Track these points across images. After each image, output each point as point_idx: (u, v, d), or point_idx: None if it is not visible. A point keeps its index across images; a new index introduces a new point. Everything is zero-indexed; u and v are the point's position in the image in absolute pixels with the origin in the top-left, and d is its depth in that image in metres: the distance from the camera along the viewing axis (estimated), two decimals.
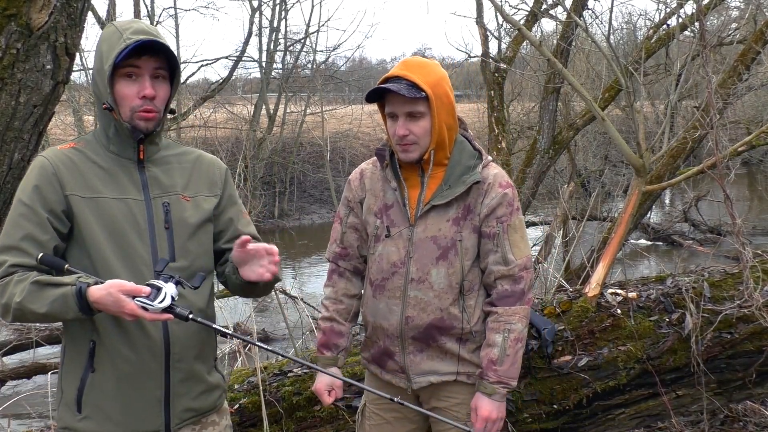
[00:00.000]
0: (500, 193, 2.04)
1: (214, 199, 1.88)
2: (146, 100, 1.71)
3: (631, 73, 4.02)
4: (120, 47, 1.66)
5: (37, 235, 1.66)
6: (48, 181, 1.69)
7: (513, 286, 2.04)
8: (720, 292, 2.95)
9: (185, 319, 1.60)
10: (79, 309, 1.58)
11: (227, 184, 1.94)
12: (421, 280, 2.05)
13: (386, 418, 2.24)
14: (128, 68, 1.69)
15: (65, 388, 1.77)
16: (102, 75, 1.70)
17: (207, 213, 1.85)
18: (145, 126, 1.73)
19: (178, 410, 1.79)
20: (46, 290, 1.60)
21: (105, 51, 1.70)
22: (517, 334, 2.04)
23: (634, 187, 3.45)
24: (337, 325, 2.20)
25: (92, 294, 1.57)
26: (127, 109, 1.72)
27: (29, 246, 1.65)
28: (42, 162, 1.72)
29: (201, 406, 1.85)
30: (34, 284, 1.61)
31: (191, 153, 1.93)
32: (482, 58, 7.87)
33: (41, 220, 1.66)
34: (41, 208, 1.67)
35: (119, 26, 1.73)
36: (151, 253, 1.73)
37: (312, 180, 19.61)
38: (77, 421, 1.74)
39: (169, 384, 1.76)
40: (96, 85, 1.75)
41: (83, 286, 1.58)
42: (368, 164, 2.22)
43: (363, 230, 2.18)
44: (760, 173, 17.69)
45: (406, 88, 1.93)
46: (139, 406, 1.74)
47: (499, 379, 2.03)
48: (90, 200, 1.70)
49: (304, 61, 20.57)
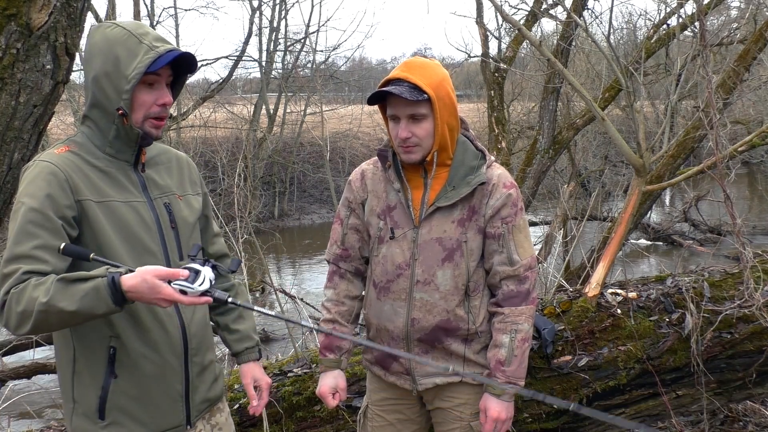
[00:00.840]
0: (505, 194, 2.03)
1: (199, 198, 1.94)
2: (163, 108, 1.72)
3: (631, 73, 4.02)
4: (149, 56, 1.64)
5: (51, 242, 1.58)
6: (61, 188, 1.63)
7: (518, 286, 2.04)
8: (720, 292, 2.95)
9: (224, 302, 1.58)
10: (113, 301, 1.50)
11: (202, 182, 2.00)
12: (427, 281, 2.04)
13: (389, 420, 2.24)
14: (152, 76, 1.68)
15: (79, 398, 1.73)
16: (117, 79, 1.65)
17: (198, 212, 1.91)
18: (157, 133, 1.75)
19: (197, 402, 1.84)
20: (74, 286, 1.51)
21: (124, 55, 1.64)
22: (524, 334, 2.04)
23: (634, 187, 3.45)
24: (340, 327, 2.19)
25: (125, 282, 1.50)
26: (141, 115, 1.70)
27: (43, 254, 1.57)
28: (50, 168, 1.65)
29: (214, 395, 1.92)
30: (61, 281, 1.52)
31: (168, 151, 1.94)
32: (482, 58, 7.87)
33: (55, 227, 1.60)
34: (54, 214, 1.60)
35: (132, 30, 1.68)
36: (163, 252, 1.76)
37: (312, 180, 19.61)
38: (101, 428, 1.72)
39: (189, 378, 1.81)
40: (101, 88, 1.68)
41: (116, 275, 1.51)
42: (369, 164, 2.21)
43: (364, 231, 2.17)
44: (760, 173, 17.70)
45: (408, 90, 1.92)
46: (163, 403, 1.77)
47: (508, 380, 2.03)
48: (101, 204, 1.68)
49: (304, 61, 20.60)
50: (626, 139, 4.01)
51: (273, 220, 17.66)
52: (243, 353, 2.04)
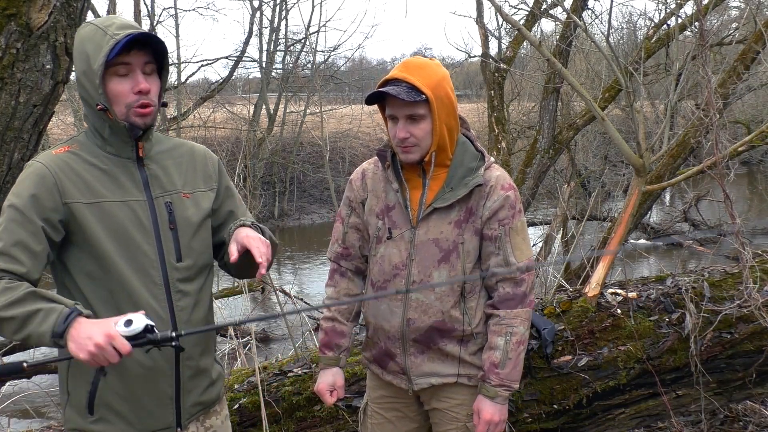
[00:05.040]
0: (502, 196, 2.03)
1: (211, 194, 1.88)
2: (142, 95, 1.68)
3: (631, 73, 4.02)
4: (109, 44, 1.62)
5: (29, 243, 1.60)
6: (47, 190, 1.64)
7: (515, 288, 2.04)
8: (720, 292, 2.95)
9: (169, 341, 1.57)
10: (52, 327, 1.51)
11: (222, 175, 1.93)
12: (423, 282, 2.05)
13: (388, 417, 2.25)
14: (119, 65, 1.66)
15: (72, 390, 1.76)
16: (91, 75, 1.66)
17: (206, 211, 1.86)
18: (143, 122, 1.71)
19: (187, 405, 1.83)
20: (35, 300, 1.55)
21: (91, 50, 1.65)
22: (519, 337, 2.04)
23: (634, 187, 3.46)
24: (339, 325, 2.20)
25: (79, 320, 1.52)
26: (122, 106, 1.68)
27: (20, 253, 1.59)
28: (40, 170, 1.66)
29: (207, 399, 1.89)
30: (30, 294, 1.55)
31: (183, 146, 1.90)
32: (482, 58, 7.87)
33: (36, 229, 1.61)
34: (37, 216, 1.62)
35: (100, 24, 1.68)
36: (158, 253, 1.74)
37: (312, 180, 19.60)
38: (89, 423, 1.73)
39: (180, 381, 1.79)
40: (83, 87, 1.69)
41: (79, 311, 1.54)
42: (369, 164, 2.21)
43: (365, 230, 2.17)
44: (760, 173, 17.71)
45: (406, 91, 1.92)
46: (151, 404, 1.76)
47: (502, 383, 2.03)
48: (93, 205, 1.68)
49: (304, 61, 20.61)
50: (626, 139, 4.02)
51: (273, 220, 17.66)
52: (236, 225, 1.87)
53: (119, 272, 1.68)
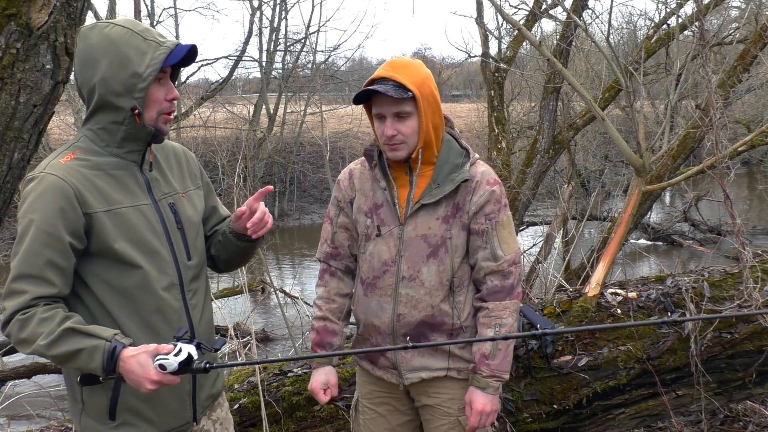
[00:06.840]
0: (488, 191, 2.07)
1: (200, 191, 1.93)
2: (172, 103, 1.73)
3: (631, 73, 4.02)
4: (162, 51, 1.64)
5: (58, 261, 1.60)
6: (69, 203, 1.62)
7: (502, 281, 2.07)
8: (720, 292, 2.95)
9: (204, 371, 1.61)
10: (102, 368, 1.56)
11: (202, 172, 1.99)
12: (412, 277, 2.08)
13: (379, 412, 2.27)
14: (161, 72, 1.67)
15: (87, 399, 1.74)
16: (132, 78, 1.63)
17: (201, 208, 1.91)
18: (167, 128, 1.75)
19: (202, 399, 1.87)
20: (76, 338, 1.57)
21: (133, 54, 1.63)
22: (507, 328, 2.07)
23: (634, 187, 3.46)
24: (331, 324, 2.22)
25: (124, 354, 1.56)
26: (154, 112, 1.70)
27: (51, 274, 1.60)
28: (57, 182, 1.62)
29: (216, 390, 1.95)
30: (66, 331, 1.57)
31: (166, 146, 1.90)
32: (482, 58, 7.87)
33: (63, 247, 1.61)
34: (65, 231, 1.61)
35: (133, 28, 1.66)
36: (171, 254, 1.76)
37: (312, 180, 19.60)
38: (110, 429, 1.74)
39: (195, 377, 1.83)
40: (109, 89, 1.65)
41: (118, 345, 1.56)
42: (356, 164, 2.24)
43: (353, 229, 2.20)
44: (760, 173, 17.70)
45: (393, 88, 1.96)
46: (172, 402, 1.79)
47: (492, 373, 2.06)
48: (110, 212, 1.67)
49: (304, 61, 20.60)
50: (626, 139, 4.02)
51: (273, 221, 17.64)
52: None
53: (143, 277, 1.69)
